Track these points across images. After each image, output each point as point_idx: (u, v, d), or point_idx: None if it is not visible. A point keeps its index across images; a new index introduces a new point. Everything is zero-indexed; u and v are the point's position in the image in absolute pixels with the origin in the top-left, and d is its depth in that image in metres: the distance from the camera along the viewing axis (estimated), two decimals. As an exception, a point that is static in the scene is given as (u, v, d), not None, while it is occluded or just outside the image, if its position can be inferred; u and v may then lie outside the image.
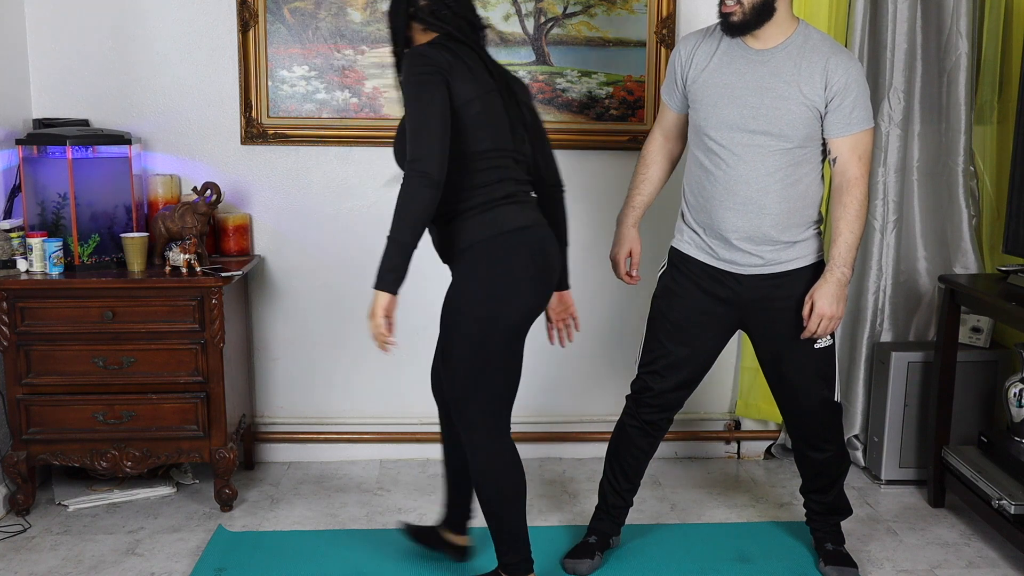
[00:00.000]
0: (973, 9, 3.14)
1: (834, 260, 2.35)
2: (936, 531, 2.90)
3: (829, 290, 2.34)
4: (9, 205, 3.02)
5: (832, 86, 2.30)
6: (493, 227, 2.13)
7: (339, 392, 3.40)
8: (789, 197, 2.36)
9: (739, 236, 2.38)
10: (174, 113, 3.20)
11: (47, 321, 2.81)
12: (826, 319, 2.34)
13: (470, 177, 2.12)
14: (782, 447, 3.51)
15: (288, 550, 2.72)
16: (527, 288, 2.17)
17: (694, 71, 2.41)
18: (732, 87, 2.35)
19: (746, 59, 2.35)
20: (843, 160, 2.35)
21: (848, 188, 2.35)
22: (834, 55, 2.32)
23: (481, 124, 2.12)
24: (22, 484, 2.87)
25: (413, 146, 2.03)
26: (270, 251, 3.31)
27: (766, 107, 2.32)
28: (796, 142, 2.34)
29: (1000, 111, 3.22)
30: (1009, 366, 3.05)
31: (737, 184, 2.36)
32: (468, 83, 2.10)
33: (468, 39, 2.17)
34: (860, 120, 2.33)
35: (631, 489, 2.67)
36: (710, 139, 2.38)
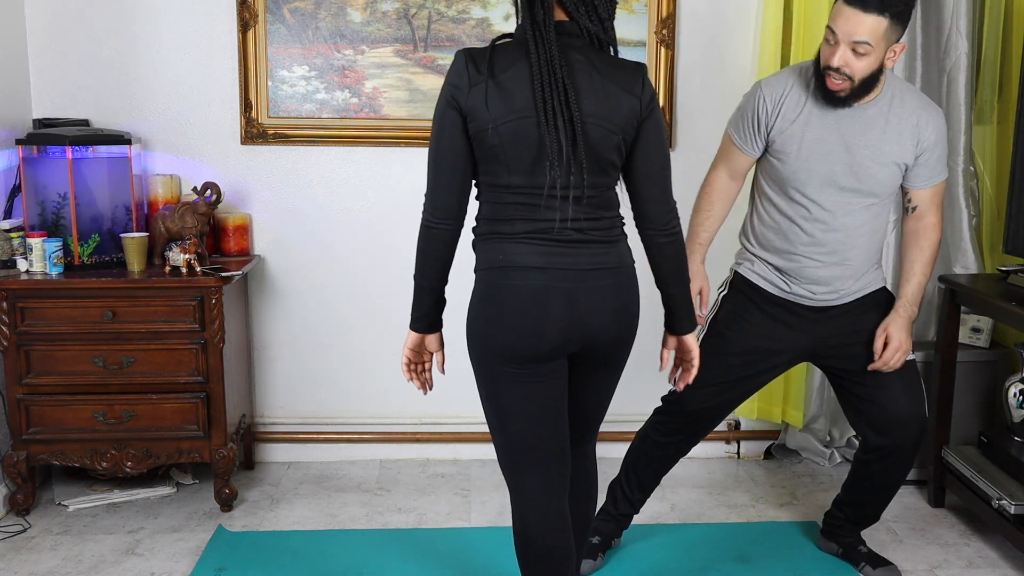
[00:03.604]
0: (973, 9, 3.14)
1: (906, 298, 2.39)
2: (936, 531, 2.90)
3: (903, 325, 2.38)
4: (9, 205, 3.02)
5: (922, 143, 2.32)
6: (488, 259, 1.87)
7: (339, 392, 3.39)
8: (869, 247, 2.41)
9: (818, 283, 2.39)
10: (174, 113, 3.20)
11: (47, 321, 2.81)
12: (901, 352, 2.37)
13: (486, 206, 1.90)
14: (782, 447, 3.51)
15: (288, 550, 2.72)
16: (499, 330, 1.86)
17: (782, 122, 2.33)
18: (824, 142, 2.30)
19: (838, 114, 2.29)
20: (923, 208, 2.40)
21: (926, 233, 2.41)
22: (924, 111, 2.32)
23: (496, 157, 1.79)
24: (22, 484, 2.87)
25: (428, 181, 1.88)
26: (270, 251, 3.31)
27: (857, 165, 2.30)
28: (883, 198, 2.37)
29: (1000, 111, 3.22)
30: (1009, 366, 3.05)
31: (826, 240, 2.35)
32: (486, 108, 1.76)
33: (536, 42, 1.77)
34: (942, 171, 2.39)
35: (643, 499, 2.67)
36: (798, 192, 2.35)
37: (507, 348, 1.85)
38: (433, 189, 1.85)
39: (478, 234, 1.90)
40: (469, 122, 1.79)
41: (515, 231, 1.84)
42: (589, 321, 1.86)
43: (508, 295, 1.84)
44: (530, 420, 1.91)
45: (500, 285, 1.85)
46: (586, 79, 1.79)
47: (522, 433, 1.92)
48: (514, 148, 1.78)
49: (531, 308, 1.83)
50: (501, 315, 1.85)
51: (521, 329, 1.84)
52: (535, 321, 1.84)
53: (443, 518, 2.96)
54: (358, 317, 3.34)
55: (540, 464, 1.94)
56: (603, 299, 1.87)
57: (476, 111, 1.77)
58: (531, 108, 1.76)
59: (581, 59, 1.80)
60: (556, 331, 1.85)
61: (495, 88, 1.76)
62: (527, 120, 1.76)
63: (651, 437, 2.57)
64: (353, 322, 3.35)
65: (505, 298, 1.84)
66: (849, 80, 2.20)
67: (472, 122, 1.78)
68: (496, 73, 1.77)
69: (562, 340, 1.86)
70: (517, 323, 1.84)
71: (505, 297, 1.84)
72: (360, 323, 3.34)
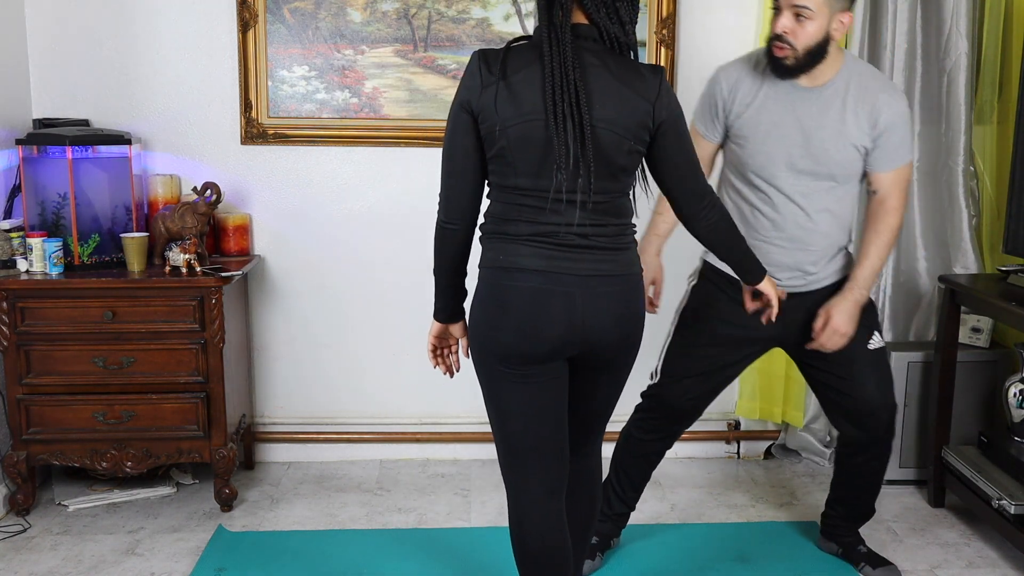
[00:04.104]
0: (973, 9, 3.14)
1: (856, 281, 2.36)
2: (936, 531, 2.90)
3: (847, 308, 2.34)
4: (9, 205, 3.02)
5: (879, 125, 2.29)
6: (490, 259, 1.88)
7: (339, 392, 3.39)
8: (831, 232, 2.38)
9: (778, 267, 2.38)
10: (174, 113, 3.20)
11: (47, 321, 2.81)
12: (839, 335, 2.34)
13: (494, 206, 1.90)
14: (782, 447, 3.51)
15: (288, 550, 2.72)
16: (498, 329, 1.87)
17: (738, 106, 2.35)
18: (780, 125, 2.31)
19: (794, 96, 2.30)
20: (883, 192, 2.36)
21: (884, 217, 2.36)
22: (882, 93, 2.30)
23: (503, 160, 1.80)
24: (22, 484, 2.87)
25: (441, 183, 1.90)
26: (270, 251, 3.31)
27: (815, 147, 2.30)
28: (843, 181, 2.34)
29: (1000, 111, 3.22)
30: (1009, 366, 3.05)
31: (784, 223, 2.35)
32: (495, 111, 1.77)
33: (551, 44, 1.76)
34: (903, 156, 2.34)
35: (636, 496, 2.67)
36: (756, 176, 2.36)
37: (505, 348, 1.86)
38: (446, 190, 1.87)
39: (484, 232, 1.92)
40: (480, 123, 1.80)
41: (520, 232, 1.84)
42: (589, 326, 1.85)
43: (507, 295, 1.85)
44: (528, 420, 1.92)
45: (500, 285, 1.86)
46: (599, 83, 1.78)
47: (520, 433, 1.93)
48: (521, 150, 1.78)
49: (529, 309, 1.83)
50: (500, 315, 1.86)
51: (518, 330, 1.85)
52: (532, 322, 1.84)
53: (443, 518, 2.96)
54: (358, 317, 3.34)
55: (538, 465, 1.95)
56: (605, 305, 1.86)
57: (486, 112, 1.77)
58: (540, 111, 1.75)
59: (596, 63, 1.79)
60: (553, 334, 1.84)
61: (506, 90, 1.76)
62: (535, 123, 1.76)
63: (634, 435, 2.58)
64: (353, 322, 3.35)
65: (504, 298, 1.85)
66: (792, 48, 2.22)
67: (483, 123, 1.79)
68: (508, 75, 1.77)
69: (559, 343, 1.86)
70: (515, 323, 1.84)
71: (504, 297, 1.85)
72: (360, 323, 3.34)
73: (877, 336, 2.45)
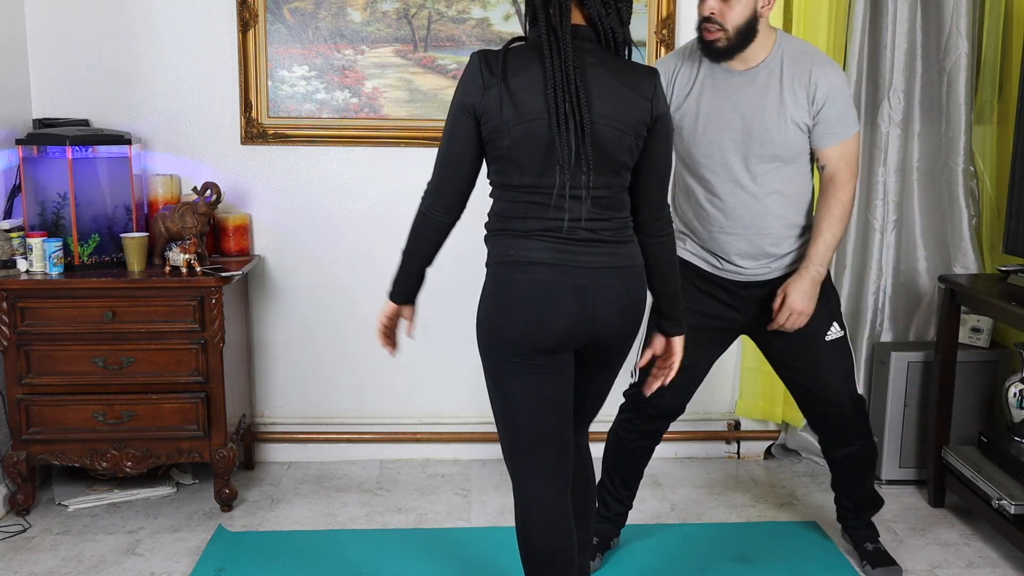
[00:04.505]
0: (973, 9, 3.14)
1: (811, 258, 2.35)
2: (936, 531, 2.90)
3: (803, 286, 2.33)
4: (9, 205, 3.02)
5: (817, 100, 2.28)
6: (499, 255, 1.91)
7: (339, 392, 3.39)
8: (786, 213, 2.37)
9: (740, 255, 2.39)
10: (174, 113, 3.20)
11: (47, 321, 2.81)
12: (795, 313, 2.34)
13: (498, 203, 1.94)
14: (782, 447, 3.51)
15: (288, 550, 2.72)
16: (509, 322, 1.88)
17: (676, 97, 2.36)
18: (720, 111, 2.31)
19: (730, 81, 2.31)
20: (831, 168, 2.35)
21: (834, 192, 2.35)
22: (816, 67, 2.29)
23: (508, 158, 1.83)
24: (22, 484, 2.87)
25: (433, 172, 1.93)
26: (270, 251, 3.31)
27: (757, 129, 2.29)
28: (789, 160, 2.33)
29: (1000, 111, 3.22)
30: (1009, 366, 3.05)
31: (736, 210, 2.35)
32: (500, 111, 1.79)
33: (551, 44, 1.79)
34: (846, 128, 2.32)
35: (631, 494, 2.68)
36: (701, 166, 2.36)
37: (515, 339, 1.89)
38: (438, 185, 1.91)
39: (491, 230, 1.95)
40: (483, 124, 1.83)
41: (528, 228, 1.87)
42: (598, 318, 1.89)
43: (518, 288, 1.88)
44: (534, 412, 1.94)
45: (511, 278, 1.89)
46: (599, 81, 1.82)
47: (527, 424, 1.94)
48: (526, 150, 1.81)
49: (540, 301, 1.86)
50: (510, 307, 1.89)
51: (529, 321, 1.87)
52: (544, 314, 1.87)
53: (443, 518, 2.96)
54: (359, 317, 3.34)
55: (544, 458, 1.96)
56: (613, 298, 1.89)
57: (489, 113, 1.81)
58: (543, 111, 1.79)
59: (595, 62, 1.83)
60: (564, 325, 1.87)
61: (508, 91, 1.79)
62: (539, 122, 1.79)
63: (621, 435, 2.60)
64: (354, 322, 3.34)
65: (515, 291, 1.88)
66: (722, 30, 2.23)
67: (485, 124, 1.82)
68: (509, 76, 1.80)
69: (569, 334, 1.89)
70: (526, 315, 1.87)
71: (515, 290, 1.88)
72: (360, 323, 3.33)
73: (836, 327, 2.46)
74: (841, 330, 2.47)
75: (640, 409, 2.54)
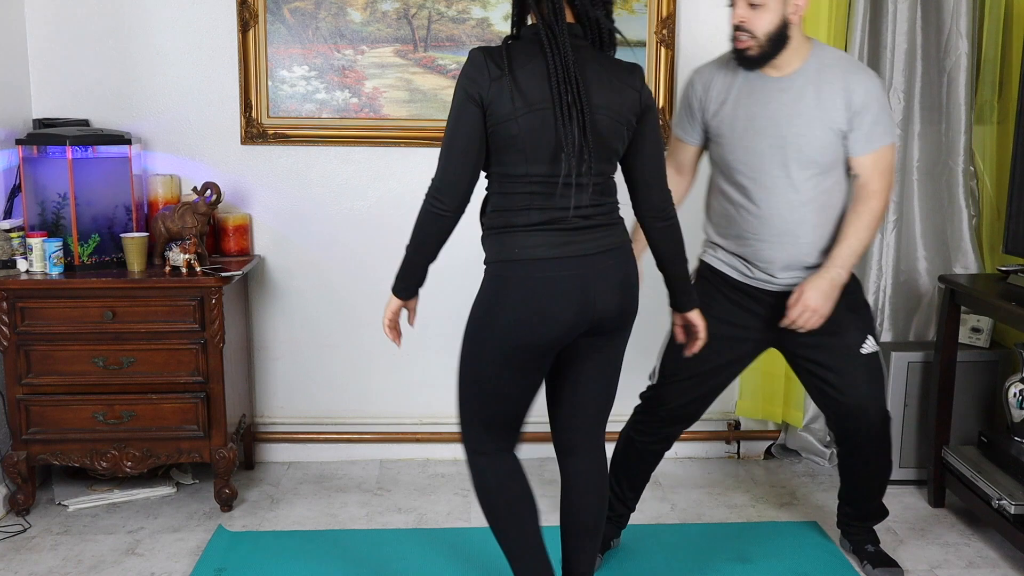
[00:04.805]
0: (973, 9, 3.14)
1: (833, 260, 2.33)
2: (936, 531, 2.90)
3: (821, 285, 2.31)
4: (9, 205, 3.02)
5: (852, 105, 2.28)
6: (502, 252, 1.98)
7: (339, 392, 3.39)
8: (821, 223, 2.36)
9: (773, 264, 2.38)
10: (174, 113, 3.20)
11: (47, 321, 2.81)
12: (810, 311, 2.31)
13: (499, 197, 1.99)
14: (782, 447, 3.51)
15: (288, 550, 2.72)
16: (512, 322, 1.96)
17: (714, 104, 2.37)
18: (756, 118, 2.32)
19: (766, 88, 2.32)
20: (865, 176, 2.34)
21: (865, 199, 2.34)
22: (852, 73, 2.31)
23: (514, 147, 1.90)
24: (22, 484, 2.87)
25: (438, 167, 1.95)
26: (270, 251, 3.31)
27: (793, 135, 2.30)
28: (825, 168, 2.33)
29: (1000, 111, 3.22)
30: (1009, 366, 3.05)
31: (772, 218, 2.34)
32: (508, 101, 1.87)
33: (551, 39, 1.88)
34: (881, 136, 2.32)
35: (636, 497, 2.68)
36: (739, 173, 2.36)
37: (517, 337, 1.97)
38: (444, 178, 1.95)
39: (490, 227, 2.01)
40: (489, 114, 1.89)
41: (531, 221, 1.94)
42: (600, 301, 1.99)
43: (522, 287, 1.95)
44: (512, 402, 2.07)
45: (514, 277, 1.96)
46: (594, 74, 1.93)
47: (505, 411, 2.08)
48: (533, 138, 1.89)
49: (543, 299, 1.95)
50: (514, 306, 1.96)
51: (533, 319, 1.95)
52: (547, 311, 1.95)
53: (443, 518, 2.96)
54: (358, 317, 3.34)
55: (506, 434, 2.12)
56: (611, 278, 2.00)
57: (497, 103, 1.88)
58: (547, 101, 1.88)
59: (587, 57, 1.94)
60: (568, 318, 1.96)
61: (514, 82, 1.87)
62: (545, 112, 1.88)
63: (633, 437, 2.59)
64: (353, 322, 3.35)
65: (518, 290, 1.96)
66: (753, 37, 2.25)
67: (493, 114, 1.89)
68: (515, 68, 1.88)
69: (573, 324, 1.98)
70: (530, 314, 1.95)
71: (518, 289, 1.96)
72: (360, 323, 3.33)
73: (871, 340, 2.44)
74: (876, 345, 2.45)
75: (654, 412, 2.53)
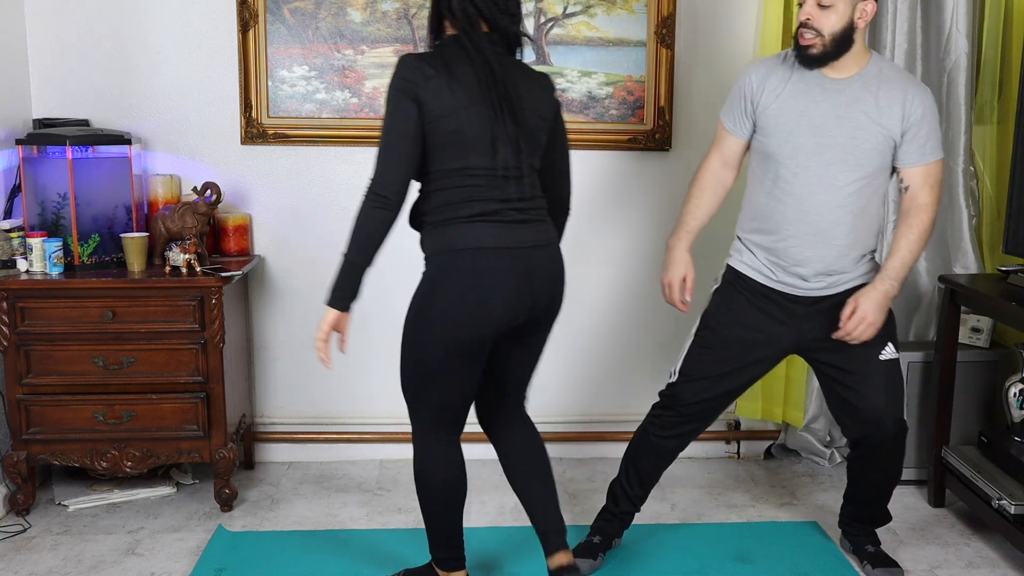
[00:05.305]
0: (973, 9, 3.14)
1: (887, 272, 2.35)
2: (936, 531, 2.90)
3: (876, 297, 2.32)
4: (9, 205, 3.02)
5: (909, 117, 2.31)
6: (444, 243, 2.07)
7: (339, 392, 3.39)
8: (856, 228, 2.37)
9: (806, 265, 2.38)
10: (174, 113, 3.20)
11: (47, 321, 2.81)
12: (866, 323, 2.31)
13: (440, 193, 2.07)
14: (782, 447, 3.51)
15: (288, 550, 2.72)
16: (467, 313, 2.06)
17: (767, 97, 2.38)
18: (809, 115, 2.33)
19: (822, 87, 2.33)
20: (915, 188, 2.36)
21: (916, 212, 2.36)
22: (912, 87, 2.34)
23: (455, 142, 2.02)
24: (22, 484, 2.87)
25: (376, 165, 2.03)
26: (270, 251, 3.31)
27: (844, 135, 2.31)
28: (868, 173, 2.34)
29: (1000, 111, 3.22)
30: (1009, 366, 3.05)
31: (809, 215, 2.35)
32: (444, 97, 1.99)
33: (474, 43, 2.04)
34: (933, 150, 2.35)
35: (642, 496, 2.67)
36: (783, 167, 2.36)
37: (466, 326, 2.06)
38: (385, 173, 2.02)
39: (431, 223, 2.08)
40: (426, 112, 2.00)
41: (472, 212, 2.05)
42: (537, 293, 2.13)
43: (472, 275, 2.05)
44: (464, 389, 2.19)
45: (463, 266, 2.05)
46: (516, 76, 2.09)
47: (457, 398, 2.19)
48: (471, 132, 2.01)
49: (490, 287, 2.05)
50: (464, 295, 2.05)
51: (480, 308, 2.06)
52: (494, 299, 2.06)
53: (443, 518, 2.96)
54: (358, 317, 3.31)
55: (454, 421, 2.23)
56: (545, 272, 2.15)
57: (434, 101, 1.99)
58: (480, 98, 2.02)
59: (507, 62, 2.10)
60: (512, 306, 2.09)
61: (449, 81, 2.00)
62: (479, 107, 2.01)
63: (649, 431, 2.59)
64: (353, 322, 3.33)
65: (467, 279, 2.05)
66: (819, 35, 2.27)
67: (430, 111, 1.99)
68: (449, 69, 2.01)
69: (515, 314, 2.10)
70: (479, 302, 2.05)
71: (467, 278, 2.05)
72: (360, 323, 3.31)
73: (891, 347, 2.44)
74: (896, 352, 2.45)
75: (673, 409, 2.54)
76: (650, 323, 3.38)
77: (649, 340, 3.39)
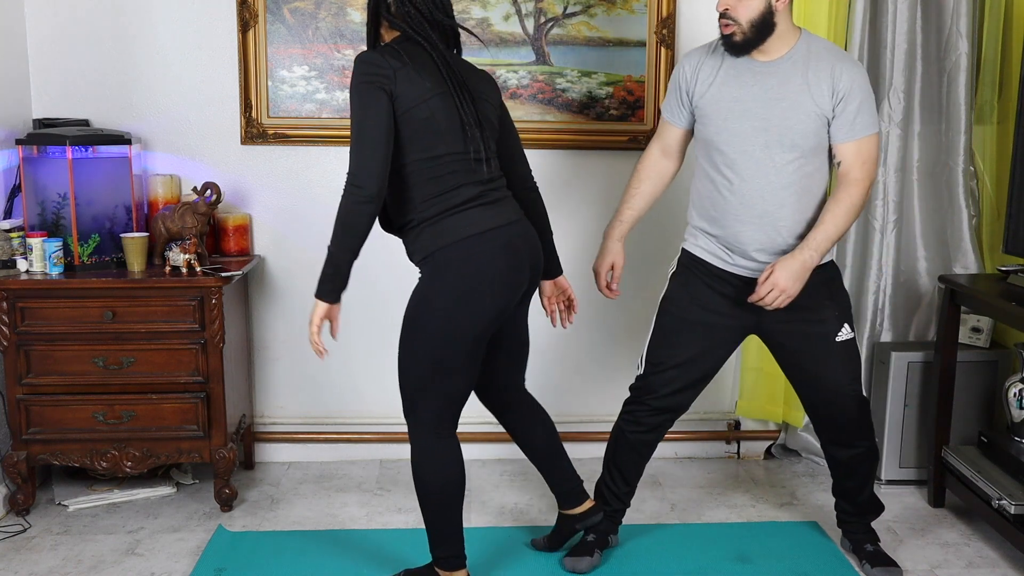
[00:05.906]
0: (973, 9, 3.14)
1: (807, 243, 2.33)
2: (936, 531, 2.90)
3: (792, 266, 2.31)
4: (9, 205, 3.02)
5: (838, 92, 2.31)
6: (447, 236, 2.13)
7: (339, 392, 3.39)
8: (801, 208, 2.38)
9: (752, 247, 2.40)
10: (174, 113, 3.20)
11: (47, 321, 2.81)
12: (777, 290, 2.30)
13: (424, 187, 2.12)
14: (782, 447, 3.51)
15: (288, 550, 2.72)
16: (488, 295, 2.15)
17: (700, 86, 2.41)
18: (742, 100, 2.35)
19: (752, 71, 2.36)
20: (847, 164, 2.36)
21: (845, 187, 2.36)
22: (839, 62, 2.34)
23: (430, 129, 2.10)
24: (22, 484, 2.87)
25: (352, 159, 2.06)
26: (270, 251, 3.31)
27: (777, 118, 2.33)
28: (808, 152, 2.35)
29: (1000, 111, 3.22)
30: (1009, 366, 3.05)
31: (752, 199, 2.37)
32: (414, 87, 2.08)
33: (425, 38, 2.15)
34: (865, 126, 2.34)
35: (629, 492, 2.68)
36: (721, 154, 2.39)
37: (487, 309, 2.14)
38: (362, 166, 2.06)
39: (423, 220, 2.14)
40: (397, 103, 2.07)
41: (465, 198, 2.13)
42: (532, 265, 2.26)
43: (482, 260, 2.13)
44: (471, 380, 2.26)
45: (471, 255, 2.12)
46: (463, 67, 2.22)
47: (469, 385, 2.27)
48: (444, 117, 2.11)
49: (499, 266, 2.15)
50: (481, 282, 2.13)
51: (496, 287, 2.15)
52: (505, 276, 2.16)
53: (443, 518, 2.96)
54: (358, 317, 3.33)
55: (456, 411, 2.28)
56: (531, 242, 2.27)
57: (405, 91, 2.07)
58: (443, 86, 2.12)
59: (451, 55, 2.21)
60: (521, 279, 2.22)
61: (415, 72, 2.09)
62: (445, 95, 2.11)
63: (624, 429, 2.61)
64: (353, 322, 3.32)
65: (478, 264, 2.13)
66: (736, 24, 2.30)
67: (402, 101, 2.07)
68: (413, 61, 2.10)
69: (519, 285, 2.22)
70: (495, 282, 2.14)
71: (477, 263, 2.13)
72: (360, 323, 3.33)
73: (847, 328, 2.47)
74: (851, 332, 2.48)
75: (644, 402, 2.55)
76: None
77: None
